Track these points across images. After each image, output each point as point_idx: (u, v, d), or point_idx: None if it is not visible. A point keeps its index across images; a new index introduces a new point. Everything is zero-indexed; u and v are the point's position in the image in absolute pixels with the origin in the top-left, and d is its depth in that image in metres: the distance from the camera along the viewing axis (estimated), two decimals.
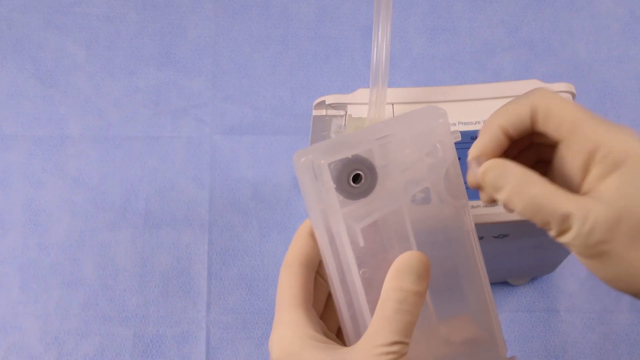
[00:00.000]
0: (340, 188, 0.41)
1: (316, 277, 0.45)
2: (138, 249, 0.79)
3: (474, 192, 0.46)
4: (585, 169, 0.41)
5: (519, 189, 0.41)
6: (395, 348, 0.39)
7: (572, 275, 0.79)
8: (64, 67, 0.87)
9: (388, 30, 0.56)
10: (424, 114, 0.43)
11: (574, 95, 0.64)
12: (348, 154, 0.41)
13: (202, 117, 0.85)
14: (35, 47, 0.88)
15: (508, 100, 0.62)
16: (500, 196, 0.41)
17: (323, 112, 0.65)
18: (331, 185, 0.41)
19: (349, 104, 0.63)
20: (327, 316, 0.46)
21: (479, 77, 0.88)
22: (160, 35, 0.89)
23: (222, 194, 0.82)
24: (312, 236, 0.44)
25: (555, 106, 0.42)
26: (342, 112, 0.64)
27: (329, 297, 0.46)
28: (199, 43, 0.89)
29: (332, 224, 0.42)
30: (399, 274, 0.41)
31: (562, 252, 0.71)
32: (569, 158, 0.42)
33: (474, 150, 0.44)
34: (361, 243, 0.42)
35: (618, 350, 0.77)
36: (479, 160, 0.43)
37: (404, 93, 0.63)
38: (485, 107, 0.63)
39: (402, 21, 0.91)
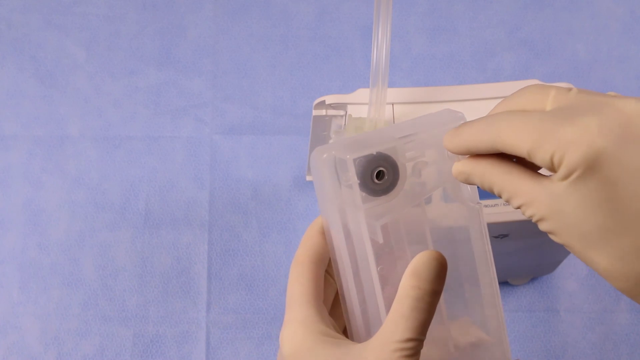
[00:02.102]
0: (363, 184, 0.41)
1: (325, 276, 0.45)
2: (138, 249, 0.79)
3: (484, 192, 0.46)
4: None
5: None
6: (410, 345, 0.39)
7: (572, 275, 0.79)
8: (64, 67, 0.87)
9: (388, 30, 0.56)
10: (442, 116, 0.43)
11: None
12: (372, 150, 0.41)
13: (202, 117, 0.85)
14: (35, 47, 0.88)
15: None
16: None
17: (323, 112, 0.65)
18: (355, 181, 0.41)
19: (349, 104, 0.63)
20: (335, 314, 0.46)
21: (479, 77, 0.88)
22: (160, 35, 0.89)
23: (222, 194, 0.82)
24: (323, 234, 0.44)
25: (515, 143, 0.39)
26: (342, 112, 0.64)
27: (337, 295, 0.46)
28: (199, 43, 0.89)
29: (351, 220, 0.42)
30: (417, 272, 0.40)
31: (562, 252, 0.71)
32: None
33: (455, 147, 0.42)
34: (380, 240, 0.42)
35: (618, 350, 0.76)
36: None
37: (404, 93, 0.63)
38: (486, 107, 0.63)
39: (402, 21, 0.91)
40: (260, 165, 0.83)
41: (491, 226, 0.59)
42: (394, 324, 0.40)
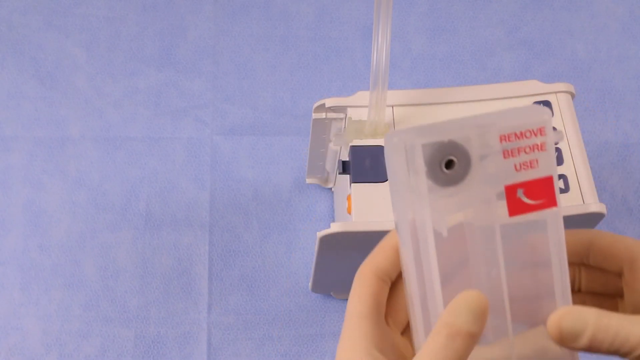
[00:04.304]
0: (431, 173, 0.39)
1: (401, 289, 0.44)
2: (139, 250, 0.79)
3: None
4: None
5: (601, 324, 0.39)
6: None
7: None
8: (65, 69, 0.87)
9: (388, 32, 0.57)
10: (526, 111, 0.41)
11: (573, 95, 0.64)
12: (444, 137, 0.39)
13: (202, 118, 0.85)
14: (35, 48, 0.88)
15: (508, 101, 0.63)
16: (583, 340, 0.40)
17: (323, 115, 0.65)
18: (422, 167, 0.39)
19: (349, 106, 0.63)
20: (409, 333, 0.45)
21: (479, 76, 0.88)
22: (160, 36, 0.89)
23: (222, 195, 0.82)
24: (396, 249, 0.43)
25: (613, 244, 0.43)
26: (341, 115, 0.64)
27: None
28: (199, 44, 0.89)
29: (416, 210, 0.40)
30: (455, 310, 0.39)
31: None
32: (638, 284, 0.42)
33: None
34: (444, 233, 0.40)
35: None
36: None
37: (404, 95, 0.63)
38: (486, 108, 0.63)
39: (402, 21, 0.91)
40: (261, 166, 0.83)
41: None
42: (423, 358, 0.39)
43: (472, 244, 0.42)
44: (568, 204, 0.59)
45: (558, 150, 0.62)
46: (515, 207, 0.41)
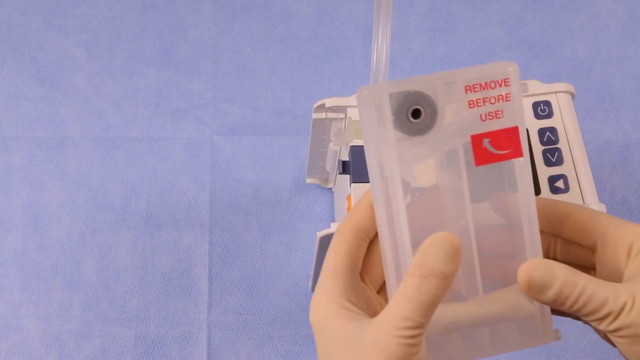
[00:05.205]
0: (398, 122, 0.40)
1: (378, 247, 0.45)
2: (139, 250, 0.79)
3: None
4: (625, 264, 0.43)
5: (569, 280, 0.40)
6: (408, 324, 0.38)
7: None
8: (65, 69, 0.87)
9: (388, 32, 0.56)
10: (494, 65, 0.42)
11: (573, 95, 0.64)
12: (411, 88, 0.40)
13: (202, 118, 0.85)
14: (35, 48, 0.88)
15: None
16: (550, 293, 0.41)
17: (323, 115, 0.65)
18: (390, 116, 0.40)
19: (349, 106, 0.63)
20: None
21: None
22: (160, 36, 0.89)
23: (222, 195, 0.82)
24: (371, 208, 0.43)
25: (588, 219, 0.44)
26: (341, 115, 0.64)
27: None
28: (199, 44, 0.89)
29: (385, 161, 0.41)
30: (427, 250, 0.39)
31: None
32: (609, 260, 0.43)
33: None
34: (413, 182, 0.41)
35: None
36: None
37: None
38: None
39: (402, 21, 0.91)
40: (261, 166, 0.83)
41: None
42: (396, 303, 0.39)
43: (441, 195, 0.43)
44: None
45: (558, 150, 0.62)
46: (482, 157, 0.42)
